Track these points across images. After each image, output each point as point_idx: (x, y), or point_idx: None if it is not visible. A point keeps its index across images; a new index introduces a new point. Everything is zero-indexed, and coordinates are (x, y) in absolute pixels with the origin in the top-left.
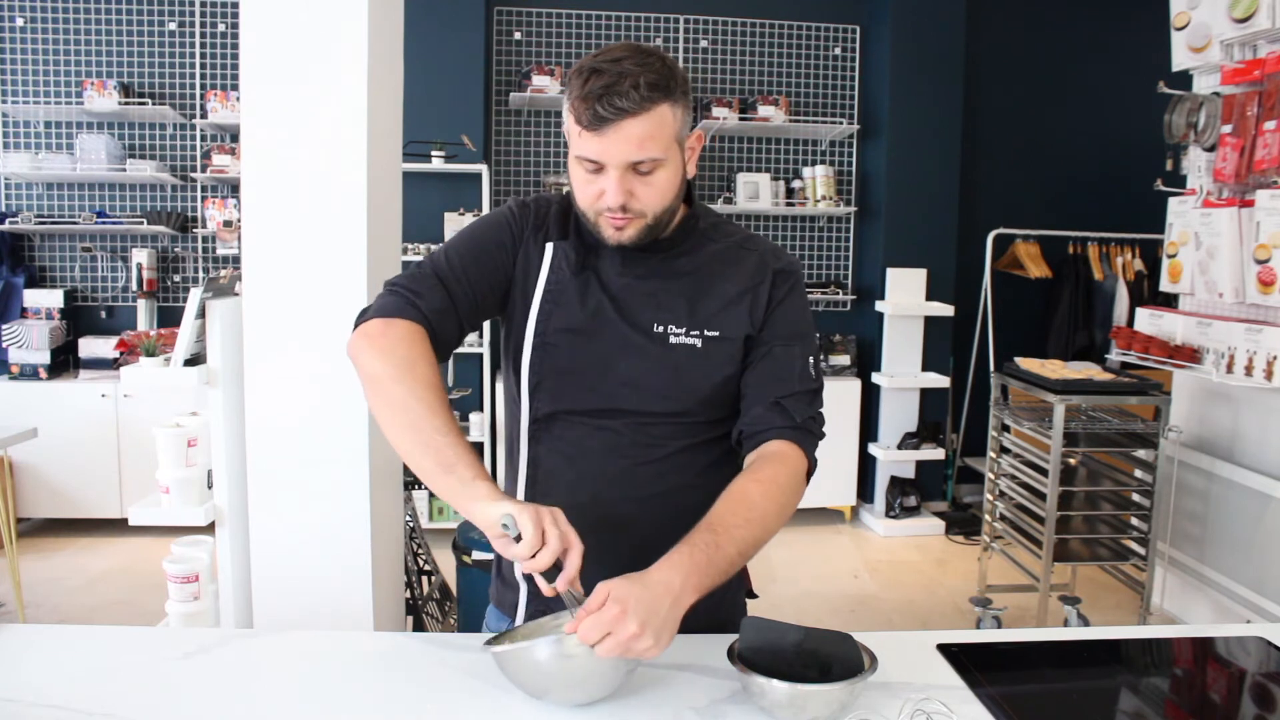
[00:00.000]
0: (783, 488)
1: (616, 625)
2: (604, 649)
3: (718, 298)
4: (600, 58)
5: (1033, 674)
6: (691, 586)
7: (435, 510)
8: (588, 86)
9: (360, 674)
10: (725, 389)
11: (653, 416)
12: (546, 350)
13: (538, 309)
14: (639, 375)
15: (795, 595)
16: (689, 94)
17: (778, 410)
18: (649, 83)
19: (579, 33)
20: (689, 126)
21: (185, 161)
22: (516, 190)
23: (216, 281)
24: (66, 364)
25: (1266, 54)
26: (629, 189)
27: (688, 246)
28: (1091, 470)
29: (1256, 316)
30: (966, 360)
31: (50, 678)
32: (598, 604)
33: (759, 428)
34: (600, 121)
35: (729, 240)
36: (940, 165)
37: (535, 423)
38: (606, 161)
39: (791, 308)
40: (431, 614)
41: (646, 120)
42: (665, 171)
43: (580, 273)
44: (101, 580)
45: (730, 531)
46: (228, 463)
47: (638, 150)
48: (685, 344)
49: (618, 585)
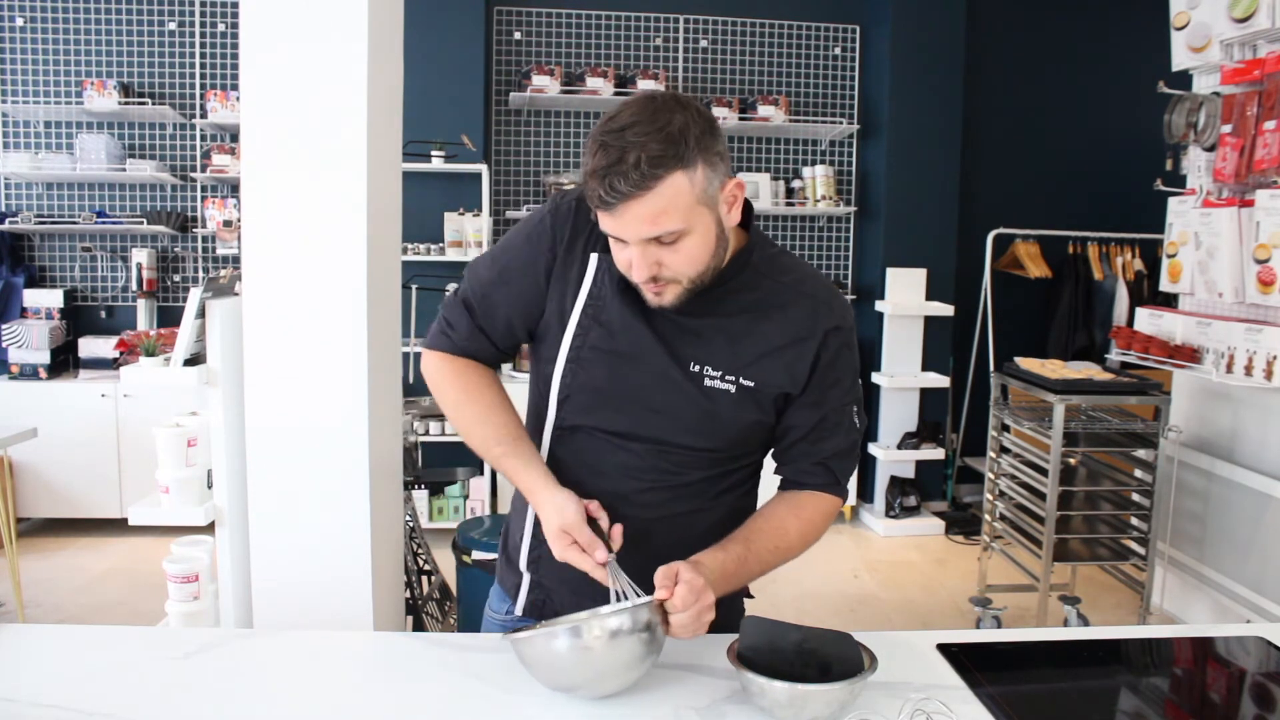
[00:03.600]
0: (817, 528)
1: (702, 593)
2: (687, 616)
3: (760, 343)
4: (609, 125)
5: (1033, 674)
6: (717, 585)
7: (435, 510)
8: (595, 163)
9: (360, 674)
10: (752, 431)
11: (675, 447)
12: (581, 365)
13: (577, 322)
14: (669, 407)
15: (795, 595)
16: (714, 146)
17: (823, 469)
18: (651, 157)
19: (579, 33)
20: (719, 180)
21: (185, 161)
22: (516, 190)
23: (216, 281)
24: (66, 364)
25: (1266, 54)
26: (655, 260)
27: (736, 285)
28: (1091, 470)
29: (1256, 316)
30: (966, 360)
31: (50, 678)
32: (671, 578)
33: (803, 480)
34: (607, 205)
35: (782, 279)
36: (940, 165)
37: (559, 429)
38: (624, 238)
39: (842, 366)
40: (431, 614)
41: (655, 198)
42: (692, 238)
43: (624, 291)
44: (101, 580)
45: (759, 553)
46: (228, 463)
47: (651, 227)
48: (719, 388)
49: (682, 565)
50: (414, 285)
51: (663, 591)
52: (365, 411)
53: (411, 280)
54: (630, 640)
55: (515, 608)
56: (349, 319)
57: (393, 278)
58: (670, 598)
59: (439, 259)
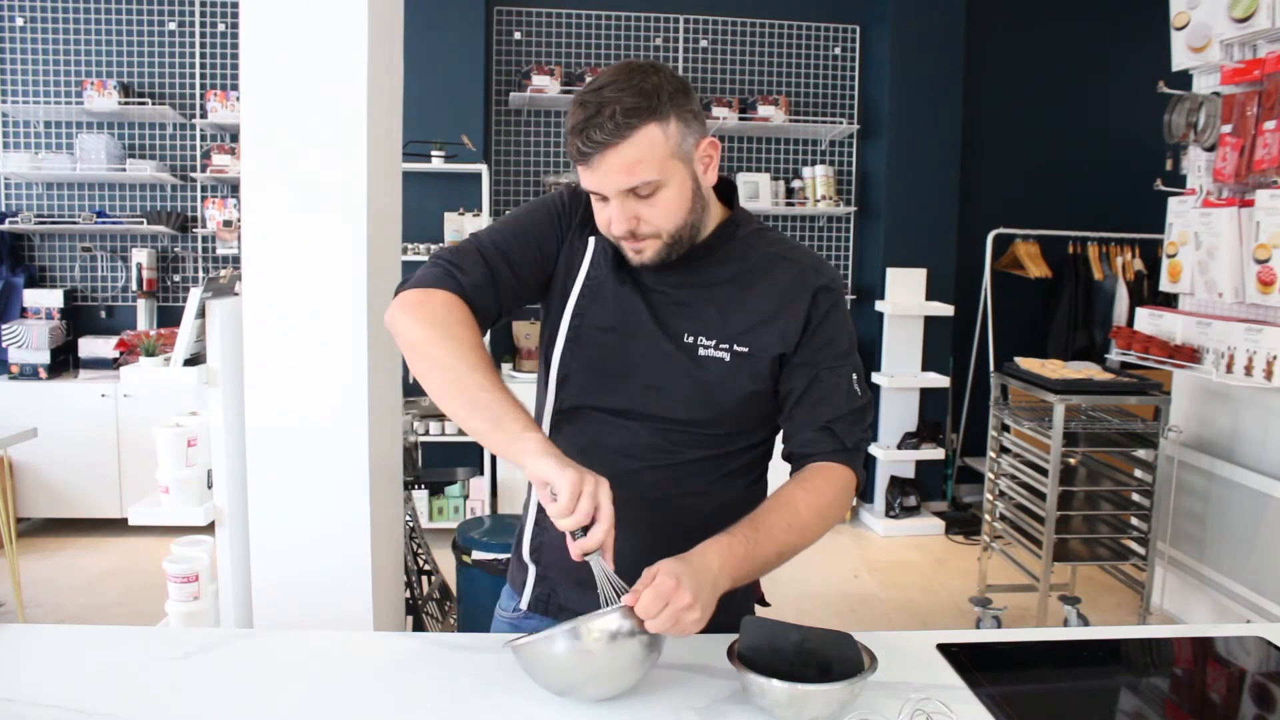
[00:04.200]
0: (830, 500)
1: (673, 596)
2: (660, 620)
3: (751, 311)
4: (589, 86)
5: (1033, 674)
6: (728, 574)
7: (435, 510)
8: (573, 120)
9: (360, 674)
10: (750, 404)
11: (673, 423)
12: (579, 344)
13: (575, 302)
14: (665, 381)
15: (795, 595)
16: (687, 105)
17: (828, 434)
18: (626, 109)
19: (579, 33)
20: (693, 137)
21: (185, 161)
22: (517, 190)
23: (216, 281)
24: (66, 364)
25: (1266, 54)
26: (633, 214)
27: (723, 255)
28: (1091, 470)
29: (1256, 316)
30: (966, 360)
31: (50, 678)
32: (649, 581)
33: (809, 450)
34: (585, 156)
35: (768, 250)
36: (940, 165)
37: (559, 413)
38: (602, 191)
39: (834, 326)
40: (431, 614)
41: (629, 147)
42: (668, 191)
43: (618, 270)
44: (101, 580)
45: (772, 532)
46: (228, 463)
47: (627, 177)
48: (713, 357)
49: (666, 563)
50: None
51: (629, 597)
52: (365, 411)
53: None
54: (627, 643)
55: (521, 603)
56: (349, 319)
57: (393, 278)
58: (634, 604)
59: None
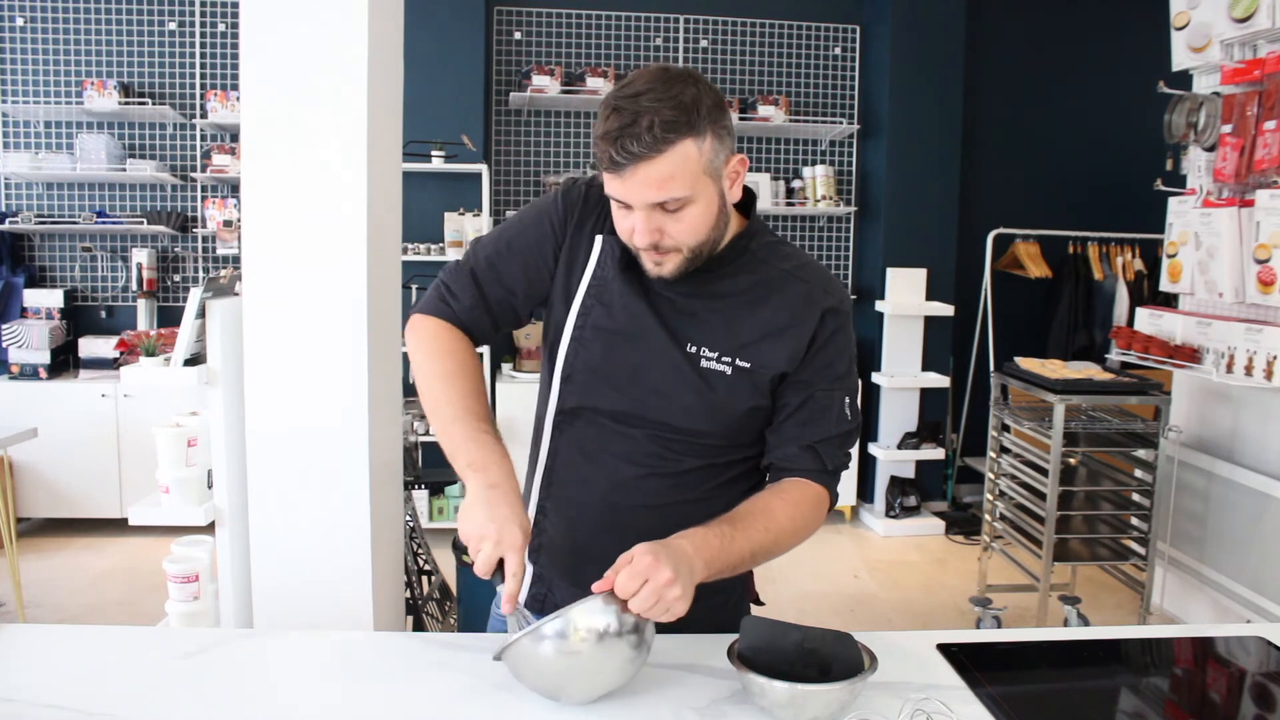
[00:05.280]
0: (804, 512)
1: (651, 572)
2: (642, 598)
3: (757, 326)
4: (624, 91)
5: (1033, 674)
6: (703, 561)
7: (435, 510)
8: (606, 126)
9: (360, 674)
10: (750, 418)
11: (674, 431)
12: (583, 345)
13: (580, 302)
14: (667, 388)
15: (795, 595)
16: (723, 120)
17: (811, 454)
18: (665, 121)
19: (579, 33)
20: (725, 154)
21: (185, 161)
22: (517, 190)
23: (216, 281)
24: (66, 364)
25: (1266, 54)
26: (658, 227)
27: (734, 268)
28: (1091, 470)
29: (1256, 316)
30: (966, 360)
31: (50, 678)
32: (625, 564)
33: (791, 466)
34: (617, 166)
35: (781, 266)
36: (940, 165)
37: (561, 414)
38: (629, 202)
39: (836, 348)
40: (431, 614)
41: (665, 161)
42: (696, 207)
43: (626, 271)
44: (101, 580)
45: (748, 531)
46: (228, 463)
47: (658, 192)
48: (715, 369)
49: (641, 546)
50: (414, 285)
51: (604, 581)
52: (365, 412)
53: (411, 280)
54: (612, 628)
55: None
56: (349, 319)
57: (393, 278)
58: (610, 588)
59: (439, 259)
